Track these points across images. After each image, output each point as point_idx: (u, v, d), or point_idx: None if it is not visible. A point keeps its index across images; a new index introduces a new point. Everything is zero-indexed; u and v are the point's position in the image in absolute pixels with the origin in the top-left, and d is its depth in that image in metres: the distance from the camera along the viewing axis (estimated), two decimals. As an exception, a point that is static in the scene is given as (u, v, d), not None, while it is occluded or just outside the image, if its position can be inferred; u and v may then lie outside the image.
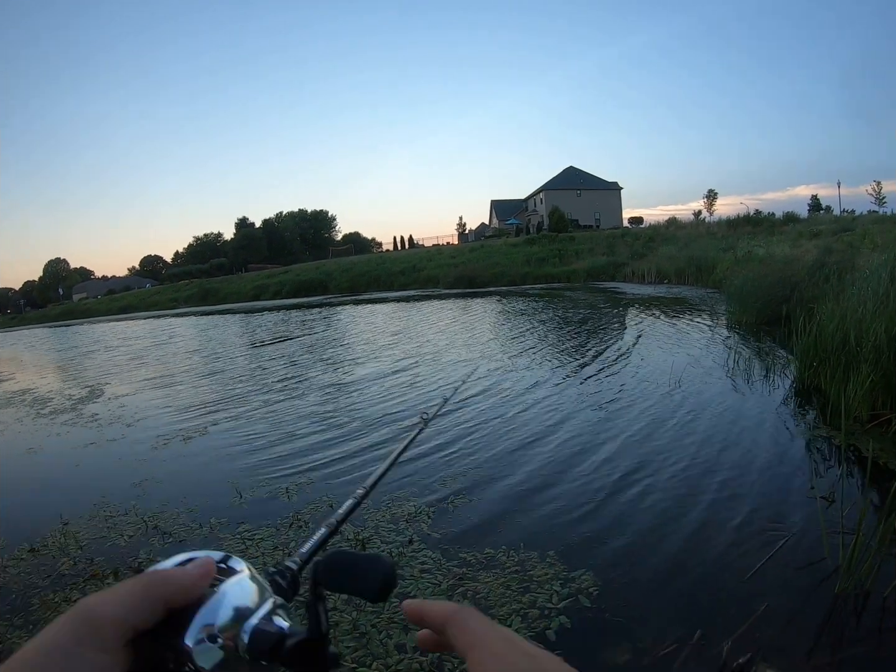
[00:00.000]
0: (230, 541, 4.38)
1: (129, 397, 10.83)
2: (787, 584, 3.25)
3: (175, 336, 24.43)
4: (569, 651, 2.86)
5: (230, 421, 8.00)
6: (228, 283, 61.36)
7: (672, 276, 25.75)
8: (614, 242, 41.07)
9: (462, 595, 3.37)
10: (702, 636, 2.88)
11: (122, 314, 56.49)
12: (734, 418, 6.25)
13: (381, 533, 4.29)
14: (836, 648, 2.78)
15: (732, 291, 13.91)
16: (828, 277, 11.54)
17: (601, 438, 5.95)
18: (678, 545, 3.81)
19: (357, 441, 6.49)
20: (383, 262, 51.91)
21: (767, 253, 20.70)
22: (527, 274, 36.48)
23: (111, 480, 6.13)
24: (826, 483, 4.46)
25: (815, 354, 7.01)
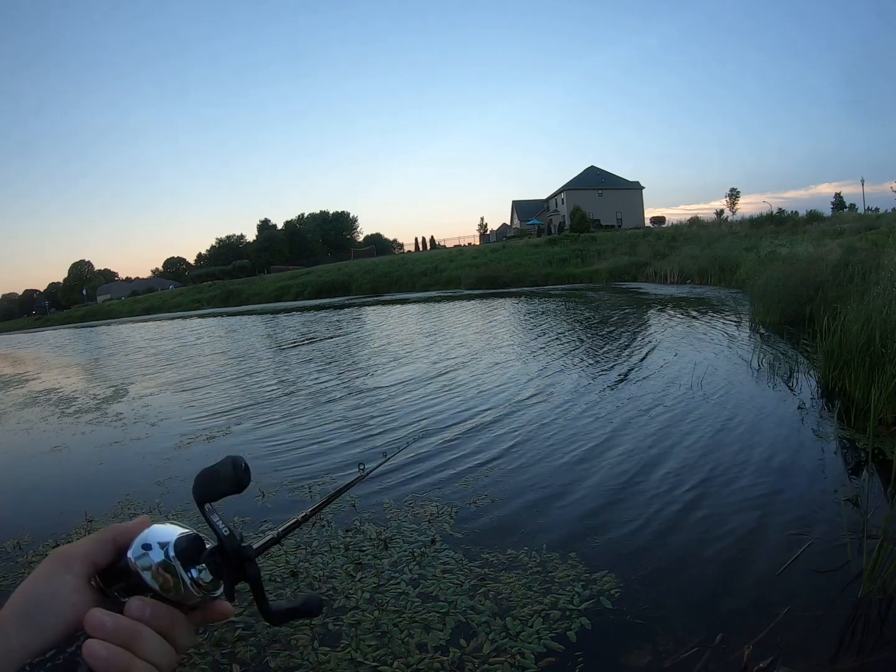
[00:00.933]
0: (252, 539, 4.38)
1: (153, 397, 10.95)
2: (810, 588, 3.23)
3: (198, 337, 24.64)
4: (589, 653, 2.87)
5: (253, 421, 8.06)
6: (251, 285, 61.72)
7: (695, 277, 25.54)
8: (636, 242, 40.79)
9: (484, 595, 3.38)
10: (723, 639, 2.86)
11: (146, 315, 57.14)
12: (757, 419, 6.20)
13: (403, 533, 4.31)
14: (859, 654, 2.75)
15: (756, 292, 13.79)
16: (852, 277, 11.43)
17: (623, 440, 5.93)
18: (699, 547, 3.79)
19: (384, 444, 6.49)
20: (405, 263, 51.93)
21: (791, 252, 20.49)
22: (549, 274, 36.36)
23: (135, 478, 6.20)
24: (850, 486, 4.42)
25: (839, 356, 6.93)
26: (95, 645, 0.53)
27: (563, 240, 47.99)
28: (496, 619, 3.15)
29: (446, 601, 3.35)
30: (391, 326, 19.57)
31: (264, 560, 4.07)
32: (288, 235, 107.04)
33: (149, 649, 0.56)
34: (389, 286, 45.89)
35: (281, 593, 3.62)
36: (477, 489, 4.99)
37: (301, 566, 3.95)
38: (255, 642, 3.15)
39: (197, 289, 70.73)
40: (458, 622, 3.16)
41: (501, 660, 2.84)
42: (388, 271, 49.26)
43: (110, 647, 0.53)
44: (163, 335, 28.32)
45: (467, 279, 38.98)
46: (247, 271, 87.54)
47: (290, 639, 3.14)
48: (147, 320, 48.05)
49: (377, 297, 40.73)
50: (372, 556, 4.01)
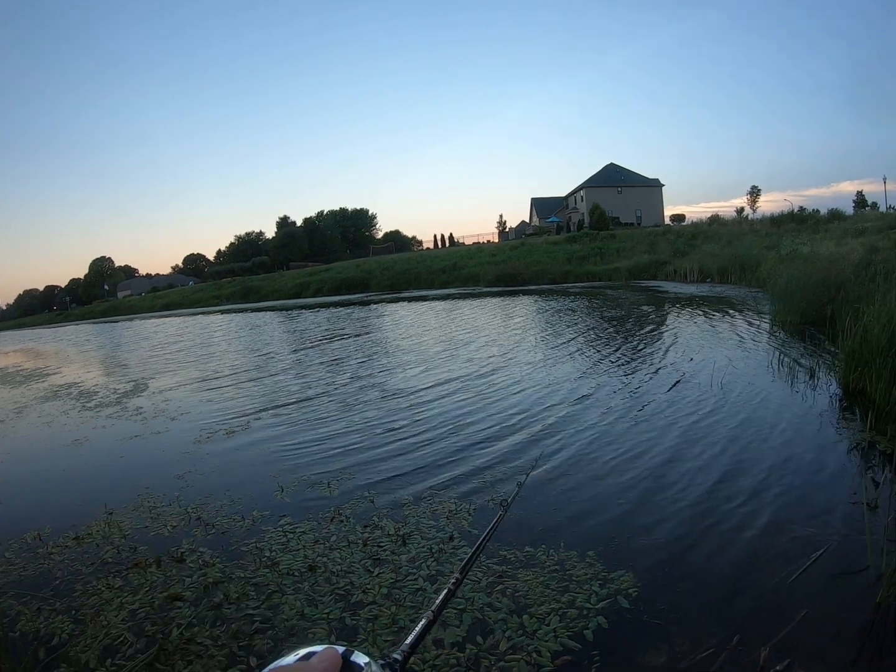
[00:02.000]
0: (272, 533, 4.45)
1: (173, 392, 11.05)
2: (828, 592, 3.21)
3: (217, 333, 24.80)
4: (606, 652, 2.87)
5: (273, 416, 8.11)
6: (270, 281, 61.96)
7: (715, 275, 25.37)
8: (656, 240, 40.58)
9: (502, 593, 3.39)
10: (740, 641, 2.86)
11: (166, 311, 57.53)
12: (777, 420, 6.16)
13: (421, 529, 4.32)
14: (876, 659, 2.74)
15: (776, 291, 13.68)
16: (874, 277, 11.29)
17: (641, 438, 5.91)
18: (718, 548, 3.78)
19: (403, 441, 6.49)
20: (424, 261, 51.95)
21: (812, 251, 20.33)
22: (568, 272, 36.24)
23: (155, 472, 6.28)
24: (870, 489, 4.38)
25: (860, 356, 6.86)
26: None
27: (582, 237, 47.86)
28: (513, 617, 3.16)
29: (463, 598, 3.37)
30: (412, 324, 19.59)
31: (283, 555, 4.11)
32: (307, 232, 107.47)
33: None
34: (408, 283, 45.92)
35: (299, 587, 3.65)
36: (495, 487, 5.00)
37: (319, 561, 3.97)
38: (272, 635, 3.18)
39: (216, 285, 71.09)
40: (475, 619, 3.17)
41: (518, 657, 2.85)
42: (408, 268, 49.29)
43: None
44: (182, 331, 28.54)
45: (486, 276, 38.92)
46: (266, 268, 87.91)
47: (308, 632, 3.16)
48: (167, 316, 48.43)
49: (396, 293, 40.77)
50: (390, 551, 4.03)
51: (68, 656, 3.17)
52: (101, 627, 3.39)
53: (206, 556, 4.21)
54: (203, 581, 3.83)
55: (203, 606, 3.52)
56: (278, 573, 3.85)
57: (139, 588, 3.82)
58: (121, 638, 3.28)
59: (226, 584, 3.77)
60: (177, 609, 3.52)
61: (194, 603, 3.58)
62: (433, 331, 16.59)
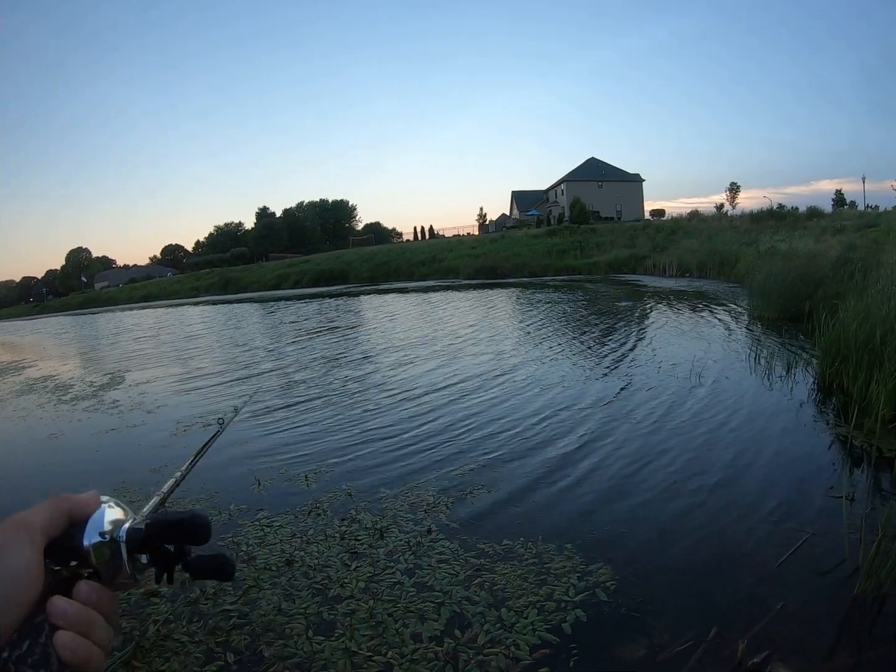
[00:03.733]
0: (249, 527, 4.41)
1: (150, 384, 10.94)
2: (806, 584, 3.24)
3: (195, 324, 24.62)
4: (584, 645, 2.87)
5: (250, 409, 8.03)
6: (249, 273, 61.48)
7: (694, 270, 25.54)
8: (636, 235, 40.72)
9: (479, 586, 3.38)
10: (718, 634, 2.87)
11: (144, 302, 56.95)
12: (754, 415, 6.21)
13: (399, 522, 4.31)
14: (854, 650, 2.76)
15: (755, 286, 13.78)
16: (852, 274, 11.40)
17: (620, 432, 5.93)
18: (696, 541, 3.80)
19: (382, 434, 6.48)
20: (403, 253, 51.76)
21: (790, 248, 20.48)
22: (547, 266, 36.31)
23: (131, 466, 6.20)
24: (847, 483, 4.41)
25: (837, 352, 6.93)
26: (66, 638, 0.54)
27: (562, 231, 47.86)
28: (491, 610, 3.15)
29: (441, 591, 3.35)
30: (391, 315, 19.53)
31: (260, 549, 4.07)
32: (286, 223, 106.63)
33: (101, 636, 0.57)
34: (388, 275, 45.78)
35: (276, 582, 3.63)
36: (473, 479, 4.99)
37: (296, 555, 3.94)
38: (249, 631, 3.15)
39: (195, 276, 70.45)
40: (453, 612, 3.16)
41: (496, 651, 2.84)
42: (387, 260, 49.12)
43: (77, 639, 0.54)
44: (160, 323, 28.28)
45: (466, 269, 38.89)
46: (245, 259, 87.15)
47: (285, 628, 3.14)
48: (145, 307, 47.97)
49: (375, 285, 40.64)
50: (368, 545, 4.01)
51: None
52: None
53: (182, 551, 4.16)
54: (179, 576, 3.78)
55: (180, 602, 3.48)
56: (255, 568, 3.82)
57: (114, 584, 3.77)
58: (95, 635, 3.23)
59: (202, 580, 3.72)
60: (153, 606, 3.48)
61: (171, 599, 3.53)
62: (414, 324, 16.53)
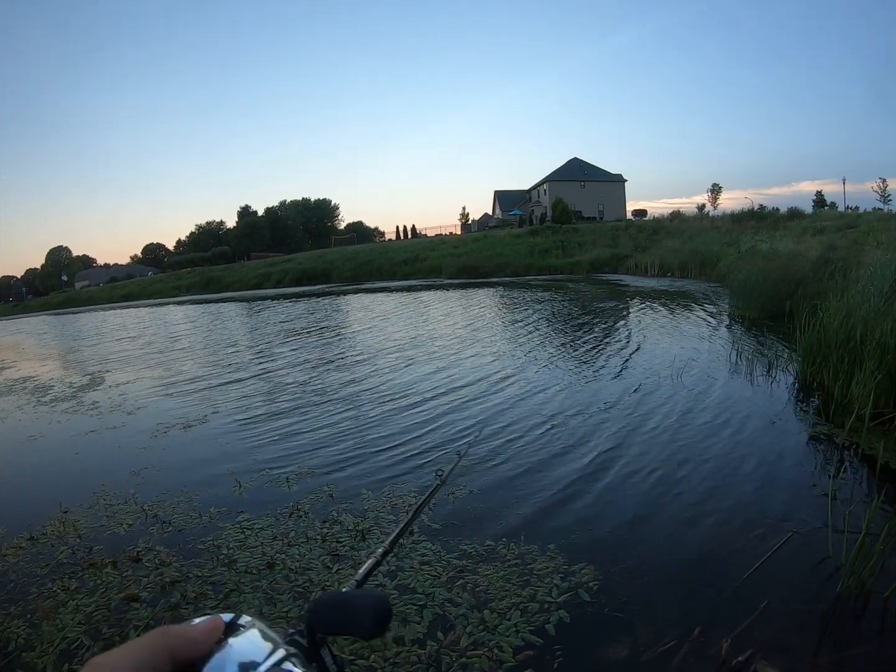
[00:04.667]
0: (229, 530, 4.37)
1: (130, 385, 10.82)
2: (789, 582, 3.24)
3: (176, 324, 24.43)
4: (568, 646, 2.86)
5: (231, 410, 8.00)
6: (231, 272, 61.05)
7: (675, 270, 25.73)
8: (618, 234, 40.98)
9: (462, 588, 3.36)
10: (702, 633, 2.87)
11: (124, 302, 56.38)
12: (736, 413, 6.23)
13: (380, 524, 4.28)
14: (838, 648, 2.77)
15: (736, 286, 13.90)
16: (832, 274, 11.50)
17: (602, 432, 5.94)
18: (679, 540, 3.81)
19: (364, 435, 6.44)
20: (386, 252, 51.65)
21: (771, 248, 20.63)
22: (530, 265, 36.46)
23: (111, 468, 6.13)
24: (829, 481, 4.44)
25: (818, 351, 6.99)
26: None
27: (544, 231, 47.99)
28: (474, 612, 3.14)
29: (424, 594, 3.33)
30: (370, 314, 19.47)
31: (241, 552, 4.04)
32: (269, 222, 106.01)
33: None
34: (370, 274, 45.70)
35: (257, 585, 3.59)
36: (454, 480, 4.95)
37: (278, 558, 3.91)
38: (230, 635, 3.10)
39: (176, 275, 69.83)
40: (436, 615, 3.14)
41: (479, 653, 2.83)
42: (370, 259, 49.02)
43: None
44: (141, 322, 28.03)
45: (448, 268, 38.89)
46: (227, 258, 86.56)
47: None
48: (126, 307, 47.51)
49: (357, 285, 40.52)
50: (349, 547, 3.98)
51: (24, 661, 3.07)
52: (57, 631, 3.29)
53: (162, 555, 4.11)
54: (160, 581, 3.74)
55: (160, 607, 3.44)
56: (236, 571, 3.78)
57: (95, 589, 3.72)
58: (77, 641, 3.18)
59: (183, 584, 3.68)
60: (134, 610, 3.43)
61: (151, 603, 3.49)
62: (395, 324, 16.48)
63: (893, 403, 5.59)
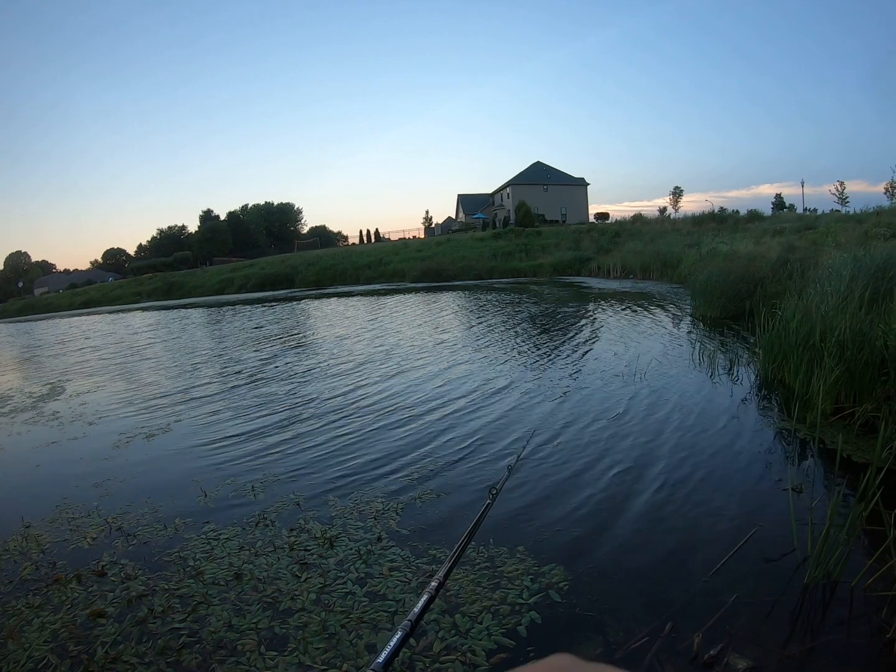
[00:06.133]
0: (195, 541, 4.30)
1: (91, 394, 10.62)
2: (758, 575, 3.29)
3: (138, 331, 24.06)
4: (540, 647, 2.86)
5: (194, 418, 7.89)
6: (193, 277, 60.39)
7: (637, 271, 26.08)
8: (580, 237, 41.48)
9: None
10: (673, 628, 2.89)
11: (85, 309, 55.41)
12: (699, 411, 6.32)
13: (349, 531, 4.25)
14: (807, 637, 2.81)
15: (697, 287, 14.10)
16: (791, 274, 11.74)
17: (565, 432, 5.97)
18: (648, 537, 3.84)
19: (329, 441, 6.39)
20: (349, 256, 51.55)
21: (731, 249, 20.98)
22: (493, 268, 36.76)
23: (73, 481, 5.99)
24: (793, 475, 4.53)
25: (778, 349, 7.12)
26: None
27: (507, 234, 48.28)
28: (445, 617, 3.13)
29: (394, 600, 3.32)
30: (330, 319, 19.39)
31: (207, 564, 3.98)
32: (231, 226, 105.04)
33: None
34: (333, 279, 45.65)
35: (225, 597, 3.54)
36: (422, 484, 4.96)
37: (245, 568, 3.85)
38: (199, 649, 3.05)
39: (137, 281, 68.74)
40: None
41: (452, 658, 2.82)
42: (333, 264, 48.96)
43: None
44: (102, 329, 27.56)
45: (412, 272, 39.08)
46: (189, 263, 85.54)
47: (236, 644, 3.06)
48: (86, 314, 46.65)
49: (321, 289, 40.34)
50: (317, 555, 3.95)
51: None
52: (22, 650, 3.19)
53: (128, 568, 4.03)
54: (126, 595, 3.67)
55: (127, 622, 3.36)
56: (203, 583, 3.71)
57: (60, 606, 3.63)
58: (44, 660, 3.09)
59: (150, 598, 3.61)
60: (100, 626, 3.35)
61: (118, 619, 3.41)
62: (360, 328, 16.42)
63: (853, 398, 5.72)
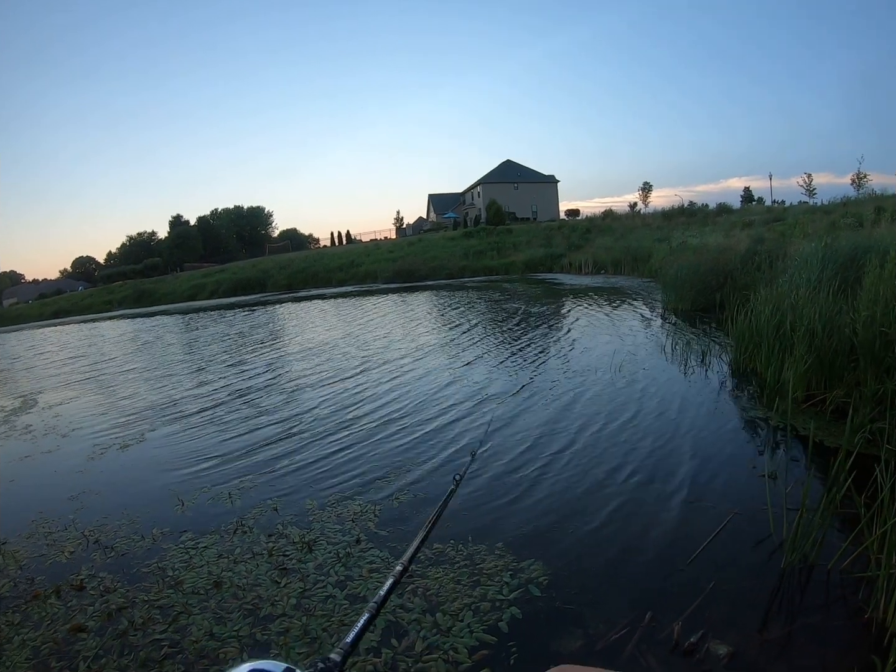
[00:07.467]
0: (174, 551, 4.27)
1: (64, 406, 10.47)
2: (735, 562, 3.34)
3: (109, 340, 23.76)
4: (522, 642, 2.87)
5: (168, 426, 7.80)
6: (164, 284, 59.71)
7: (609, 267, 26.23)
8: (551, 234, 41.69)
9: (413, 593, 3.35)
10: (653, 618, 2.92)
11: (55, 319, 54.61)
12: (674, 402, 6.39)
13: (327, 534, 4.24)
14: (786, 621, 2.85)
15: (668, 280, 14.22)
16: (760, 266, 11.87)
17: (542, 427, 6.00)
18: (624, 528, 3.87)
19: (304, 446, 6.36)
20: (321, 259, 51.37)
21: (701, 243, 21.14)
22: (465, 267, 36.83)
23: (48, 494, 5.91)
24: (767, 461, 4.61)
25: (750, 339, 7.22)
26: None
27: (479, 232, 48.38)
28: (426, 616, 3.13)
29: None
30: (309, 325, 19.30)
31: (186, 573, 3.96)
32: (201, 232, 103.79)
33: None
34: (306, 282, 45.41)
35: (205, 605, 3.52)
36: (399, 485, 4.97)
37: (224, 576, 3.83)
38: (182, 659, 3.03)
39: (108, 289, 67.83)
40: (388, 622, 3.12)
41: (435, 657, 2.82)
42: (304, 267, 48.75)
43: None
44: (72, 340, 27.20)
45: (384, 273, 39.08)
46: (159, 270, 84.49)
47: (218, 653, 3.04)
48: (57, 324, 45.99)
49: (293, 293, 40.14)
50: (296, 560, 3.93)
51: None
52: (4, 669, 3.16)
53: (106, 581, 3.98)
54: (106, 609, 3.63)
55: (108, 636, 3.33)
56: (183, 593, 3.68)
57: (40, 622, 3.57)
58: (27, 678, 3.07)
59: (130, 610, 3.57)
60: (81, 641, 3.31)
61: (99, 633, 3.37)
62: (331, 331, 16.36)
63: (824, 385, 5.81)
